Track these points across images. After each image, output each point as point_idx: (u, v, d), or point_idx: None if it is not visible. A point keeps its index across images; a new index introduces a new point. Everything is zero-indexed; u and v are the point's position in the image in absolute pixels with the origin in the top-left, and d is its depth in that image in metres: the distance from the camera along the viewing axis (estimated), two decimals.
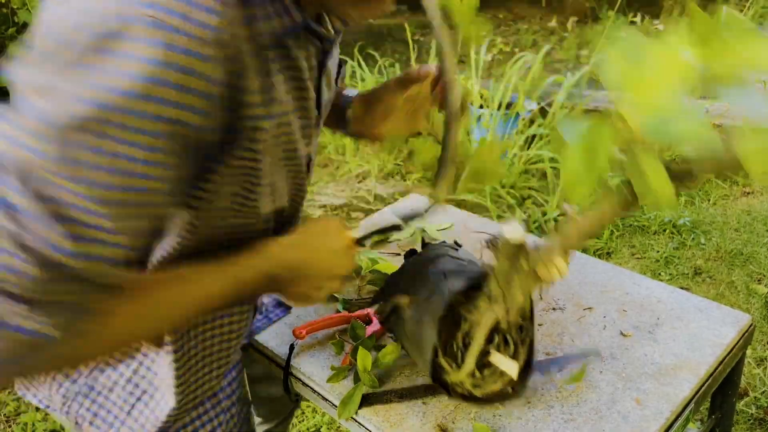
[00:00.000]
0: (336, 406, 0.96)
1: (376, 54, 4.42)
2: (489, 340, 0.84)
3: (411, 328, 0.89)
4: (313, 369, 1.02)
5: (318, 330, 1.05)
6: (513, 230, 0.77)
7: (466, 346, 0.84)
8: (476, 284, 0.84)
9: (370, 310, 1.10)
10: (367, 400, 0.96)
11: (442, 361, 0.86)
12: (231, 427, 1.03)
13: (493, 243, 0.80)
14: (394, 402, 0.96)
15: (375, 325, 1.07)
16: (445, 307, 0.84)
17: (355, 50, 4.60)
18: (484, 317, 0.81)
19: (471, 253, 0.99)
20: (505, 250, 0.78)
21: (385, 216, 0.89)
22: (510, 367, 0.81)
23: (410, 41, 4.16)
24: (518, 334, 0.86)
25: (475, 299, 0.83)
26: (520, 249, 0.77)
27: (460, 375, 0.83)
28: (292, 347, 1.03)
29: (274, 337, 1.11)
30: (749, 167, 0.54)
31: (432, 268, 0.93)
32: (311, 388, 1.01)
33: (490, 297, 0.81)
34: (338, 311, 1.15)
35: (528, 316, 0.87)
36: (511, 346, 0.85)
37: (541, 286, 0.78)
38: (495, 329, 0.84)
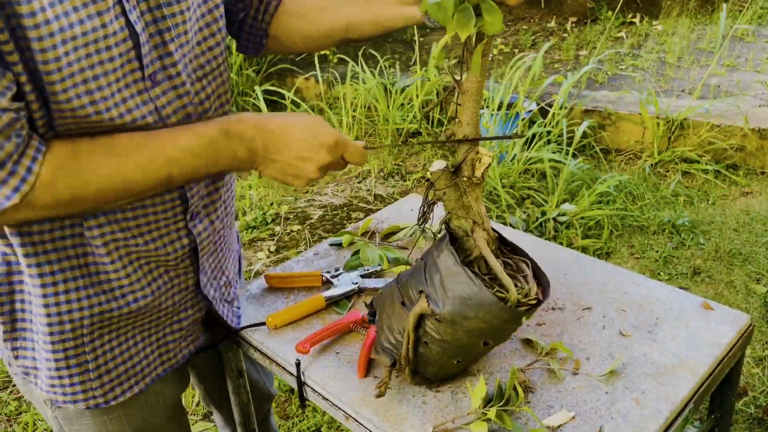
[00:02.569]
0: (345, 412, 0.97)
1: (376, 54, 4.42)
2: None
3: (451, 308, 0.87)
4: (323, 377, 1.03)
5: (320, 341, 1.07)
6: (436, 165, 0.90)
7: (492, 278, 0.90)
8: (452, 238, 0.92)
9: (365, 315, 1.09)
10: (367, 400, 0.97)
11: (498, 293, 0.87)
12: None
13: (432, 184, 0.91)
14: (394, 402, 0.96)
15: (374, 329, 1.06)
16: (460, 263, 0.86)
17: (356, 50, 4.60)
18: (479, 243, 0.90)
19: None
20: (443, 181, 0.90)
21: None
22: (487, 152, 0.91)
23: (413, 41, 4.16)
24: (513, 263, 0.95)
25: (463, 244, 0.92)
26: (448, 171, 0.90)
27: (513, 293, 0.86)
28: (299, 363, 1.03)
29: (279, 345, 1.12)
30: None
31: (417, 268, 0.93)
32: (322, 396, 1.02)
33: (466, 230, 0.91)
34: (338, 313, 1.15)
35: (497, 245, 0.95)
36: (513, 264, 0.95)
37: (482, 173, 0.90)
38: (495, 254, 0.93)
